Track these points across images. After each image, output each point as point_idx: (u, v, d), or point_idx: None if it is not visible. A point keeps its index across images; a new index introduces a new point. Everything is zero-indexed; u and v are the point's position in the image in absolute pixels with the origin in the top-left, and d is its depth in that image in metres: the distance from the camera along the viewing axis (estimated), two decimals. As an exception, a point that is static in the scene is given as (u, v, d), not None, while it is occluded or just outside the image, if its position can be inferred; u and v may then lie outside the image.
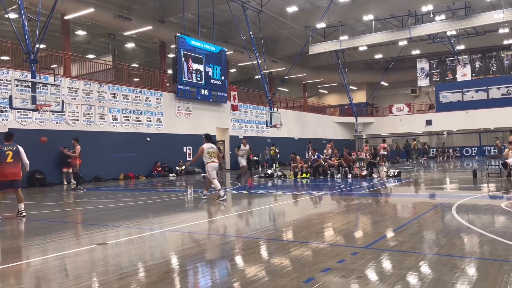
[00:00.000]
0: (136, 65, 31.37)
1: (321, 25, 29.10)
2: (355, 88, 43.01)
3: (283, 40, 34.66)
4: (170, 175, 22.08)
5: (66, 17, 21.53)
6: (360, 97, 43.66)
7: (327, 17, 27.72)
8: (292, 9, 26.98)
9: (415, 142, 33.57)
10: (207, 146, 10.42)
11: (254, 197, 11.36)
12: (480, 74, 36.72)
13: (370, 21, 29.99)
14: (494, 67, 36.20)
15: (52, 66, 19.77)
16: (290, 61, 34.40)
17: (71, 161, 15.27)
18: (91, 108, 19.42)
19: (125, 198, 11.84)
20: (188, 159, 24.26)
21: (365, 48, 34.44)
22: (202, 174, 19.32)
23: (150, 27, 24.66)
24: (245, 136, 26.90)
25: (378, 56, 37.47)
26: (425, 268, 4.07)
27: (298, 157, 18.86)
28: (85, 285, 3.87)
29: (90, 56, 29.53)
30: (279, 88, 34.14)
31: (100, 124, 19.75)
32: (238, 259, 4.73)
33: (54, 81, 15.67)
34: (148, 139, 21.91)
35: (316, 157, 18.14)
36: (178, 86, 23.43)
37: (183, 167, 22.77)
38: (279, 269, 4.17)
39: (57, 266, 4.67)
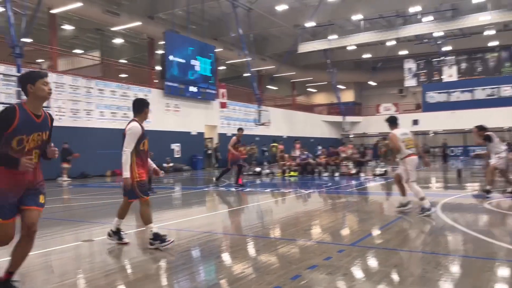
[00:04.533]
0: (124, 61, 31.09)
1: (310, 24, 29.19)
2: (343, 87, 43.26)
3: (273, 38, 34.68)
4: (158, 172, 21.96)
5: (53, 11, 21.21)
6: (348, 96, 43.93)
7: (316, 16, 27.82)
8: (281, 7, 27.00)
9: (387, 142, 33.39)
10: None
11: (242, 194, 11.37)
12: (465, 75, 37.23)
13: (359, 21, 30.17)
14: (480, 69, 36.75)
15: (38, 61, 19.51)
16: (279, 59, 34.47)
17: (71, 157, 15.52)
18: (78, 103, 19.20)
19: (112, 195, 11.76)
20: (176, 156, 24.19)
21: (354, 47, 34.65)
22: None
23: (139, 23, 24.45)
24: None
25: (367, 55, 37.74)
26: (410, 266, 4.13)
27: (286, 155, 18.93)
28: (71, 282, 3.84)
29: (78, 51, 29.21)
30: (268, 86, 34.21)
31: (87, 120, 19.55)
32: (226, 256, 4.74)
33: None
34: (135, 135, 21.75)
35: (304, 155, 18.23)
36: (167, 83, 23.31)
37: (172, 164, 22.68)
38: (266, 266, 4.19)
39: (43, 263, 4.62)
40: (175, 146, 24.25)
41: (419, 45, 34.23)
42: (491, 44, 34.78)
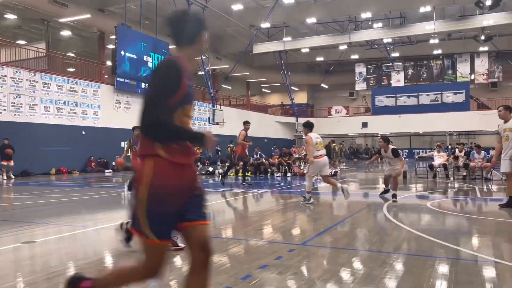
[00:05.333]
0: (72, 54, 29.80)
1: (265, 25, 29.42)
2: (296, 89, 43.97)
3: (228, 37, 34.62)
4: (106, 170, 21.24)
5: (-6, -1, 19.97)
6: (301, 97, 44.72)
7: (271, 18, 28.09)
8: (237, 7, 27.01)
9: (334, 144, 33.94)
10: None
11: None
12: (412, 81, 39.04)
13: (313, 24, 30.80)
14: (425, 75, 38.67)
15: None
16: (234, 58, 34.45)
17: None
18: (20, 97, 18.16)
19: (57, 194, 11.23)
20: (127, 155, 23.46)
21: (308, 50, 35.33)
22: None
23: (88, 15, 23.53)
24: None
25: (320, 58, 38.59)
26: (357, 264, 4.25)
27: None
28: (9, 285, 3.61)
29: (21, 42, 27.62)
30: (222, 86, 34.10)
31: (31, 115, 18.54)
32: (176, 257, 4.66)
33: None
34: (83, 132, 20.91)
35: (258, 155, 18.33)
36: (117, 79, 22.60)
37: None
38: (217, 266, 4.16)
39: (-23, 266, 4.32)
40: (125, 145, 23.56)
41: (370, 50, 35.48)
42: (436, 52, 36.70)
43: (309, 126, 8.78)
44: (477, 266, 4.20)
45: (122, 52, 22.79)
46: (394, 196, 8.79)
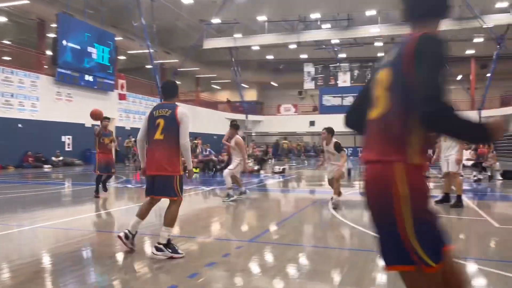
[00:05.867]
0: (8, 42, 27.92)
1: (216, 20, 29.22)
2: (246, 86, 44.09)
3: (178, 31, 34.00)
4: (45, 166, 20.15)
5: None
6: (251, 95, 44.91)
7: (222, 13, 27.94)
8: (187, 1, 26.58)
9: (285, 141, 34.34)
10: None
11: (139, 192, 10.94)
12: (357, 82, 40.39)
13: (264, 22, 31.00)
14: (370, 76, 40.14)
15: None
16: (183, 53, 33.90)
17: None
18: None
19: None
20: (67, 149, 22.43)
21: (258, 48, 35.51)
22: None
23: (26, 1, 22.12)
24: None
25: (270, 57, 38.93)
26: (303, 260, 4.32)
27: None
28: None
29: (-50, 26, 25.51)
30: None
31: (-40, 105, 17.18)
32: (119, 257, 4.50)
33: None
34: (19, 125, 19.67)
35: (207, 152, 18.17)
36: (58, 70, 21.47)
37: (61, 158, 20.99)
38: (163, 265, 4.06)
39: None
40: (66, 139, 22.48)
41: (318, 51, 36.28)
42: (380, 54, 38.21)
43: (237, 127, 8.81)
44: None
45: (64, 42, 21.69)
46: (335, 204, 7.67)
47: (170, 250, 4.17)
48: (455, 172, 7.66)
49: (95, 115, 8.77)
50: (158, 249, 4.18)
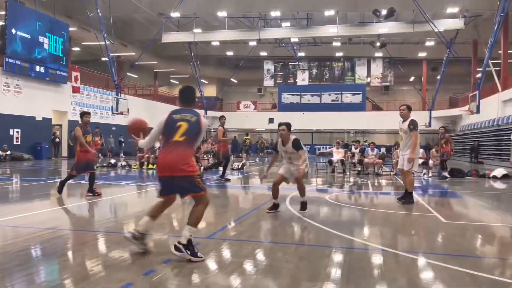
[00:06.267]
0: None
1: (175, 14, 28.75)
2: (206, 82, 43.75)
3: (136, 24, 33.17)
4: (-8, 160, 19.13)
5: None
6: (210, 91, 44.62)
7: (182, 7, 27.51)
8: (146, -7, 25.97)
9: (247, 137, 34.31)
10: None
11: (97, 189, 10.61)
12: (316, 81, 41.17)
13: (224, 18, 30.84)
14: (327, 75, 41.02)
15: None
16: (141, 46, 33.12)
17: None
18: None
19: None
20: (15, 143, 21.38)
21: (218, 43, 35.29)
22: None
23: (-28, -14, 20.82)
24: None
25: (230, 53, 38.80)
26: (260, 256, 4.36)
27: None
28: None
29: None
30: (128, 74, 32.64)
31: None
32: (72, 254, 4.35)
33: None
34: (-37, 117, 18.55)
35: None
36: (7, 59, 20.41)
37: (9, 152, 19.97)
38: (118, 262, 3.97)
39: None
40: (15, 132, 21.41)
41: (278, 48, 36.57)
42: (338, 54, 39.09)
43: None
44: (367, 254, 4.56)
45: (13, 31, 20.63)
46: (303, 206, 6.88)
47: (189, 252, 3.98)
48: (407, 170, 7.96)
49: (138, 127, 4.88)
50: (177, 248, 4.01)
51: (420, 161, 15.39)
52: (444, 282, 3.62)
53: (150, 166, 17.32)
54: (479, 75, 25.84)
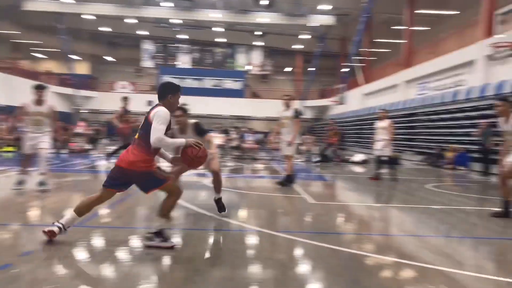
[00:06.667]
0: None
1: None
2: (79, 58, 40.22)
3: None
4: None
5: None
6: (83, 68, 41.17)
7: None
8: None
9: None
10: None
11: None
12: (197, 65, 40.87)
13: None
14: (209, 60, 41.03)
15: None
16: (-1, 13, 28.96)
17: None
18: None
19: None
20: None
21: (92, 17, 32.62)
22: None
23: None
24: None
25: (105, 28, 36.22)
26: (134, 242, 4.20)
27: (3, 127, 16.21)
28: None
29: None
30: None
31: None
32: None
33: None
34: None
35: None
36: None
37: None
38: (-36, 259, 3.45)
39: None
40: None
41: (158, 28, 35.29)
42: (219, 40, 39.29)
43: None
44: (243, 235, 4.72)
45: None
46: (220, 207, 5.69)
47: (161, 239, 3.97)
48: (289, 155, 8.51)
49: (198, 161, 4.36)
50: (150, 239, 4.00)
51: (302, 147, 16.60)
52: (310, 257, 3.94)
53: (8, 148, 15.45)
54: (345, 69, 28.47)
